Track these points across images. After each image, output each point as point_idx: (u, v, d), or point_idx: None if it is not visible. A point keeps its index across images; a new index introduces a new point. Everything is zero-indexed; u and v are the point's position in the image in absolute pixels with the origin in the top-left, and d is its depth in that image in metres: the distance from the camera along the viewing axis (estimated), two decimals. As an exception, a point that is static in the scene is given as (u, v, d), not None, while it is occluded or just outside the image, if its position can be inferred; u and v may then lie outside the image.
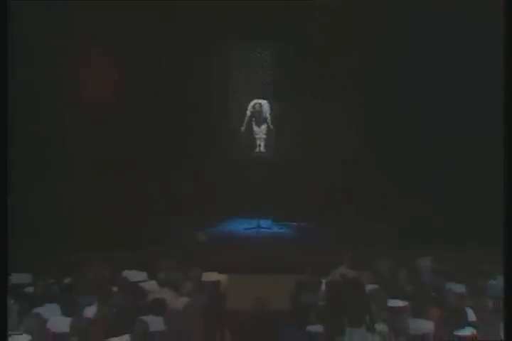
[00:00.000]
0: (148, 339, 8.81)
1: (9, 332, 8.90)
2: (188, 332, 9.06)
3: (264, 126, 16.35)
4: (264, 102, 16.31)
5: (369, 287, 10.38)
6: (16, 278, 11.23)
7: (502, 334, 8.61)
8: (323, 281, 10.95)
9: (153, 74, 15.64)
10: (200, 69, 15.62)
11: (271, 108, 16.27)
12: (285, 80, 15.84)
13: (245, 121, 16.25)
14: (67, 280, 11.03)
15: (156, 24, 15.29)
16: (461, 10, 14.48)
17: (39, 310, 9.66)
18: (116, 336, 8.74)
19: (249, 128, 16.26)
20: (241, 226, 15.59)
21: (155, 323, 9.21)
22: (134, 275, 11.44)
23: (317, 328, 9.54)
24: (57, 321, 9.39)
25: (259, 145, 16.33)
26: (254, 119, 16.30)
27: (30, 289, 10.77)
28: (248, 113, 16.28)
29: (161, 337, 8.90)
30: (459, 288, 10.47)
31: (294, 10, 15.14)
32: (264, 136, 16.32)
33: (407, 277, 10.89)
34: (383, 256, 11.84)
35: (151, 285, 11.00)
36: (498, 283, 10.82)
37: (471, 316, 9.37)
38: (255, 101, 16.34)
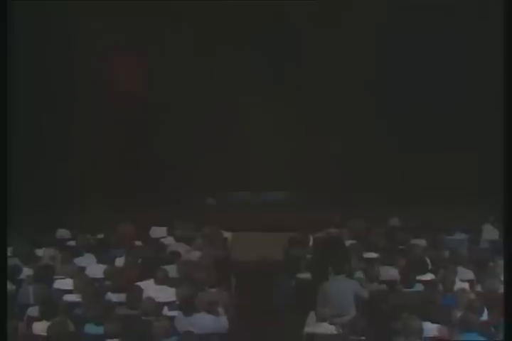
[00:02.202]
0: (167, 284, 8.95)
1: (55, 277, 9.19)
2: (199, 279, 9.06)
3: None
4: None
5: (348, 242, 10.64)
6: (60, 233, 11.46)
7: (456, 279, 8.94)
8: (311, 238, 11.10)
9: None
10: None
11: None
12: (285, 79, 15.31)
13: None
14: (101, 235, 11.18)
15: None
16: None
17: (79, 259, 9.93)
18: (141, 281, 9.00)
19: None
20: (245, 193, 15.61)
21: (172, 272, 9.35)
22: (155, 231, 11.66)
23: (306, 275, 9.82)
24: (94, 268, 9.61)
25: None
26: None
27: (71, 242, 10.98)
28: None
29: (177, 283, 8.94)
30: (421, 242, 10.68)
31: (294, 10, 14.61)
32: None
33: (379, 233, 11.07)
34: (360, 216, 11.98)
35: (169, 241, 11.14)
36: (453, 238, 11.15)
37: (431, 265, 9.63)
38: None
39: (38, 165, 14.47)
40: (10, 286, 8.85)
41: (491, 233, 11.37)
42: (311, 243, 10.95)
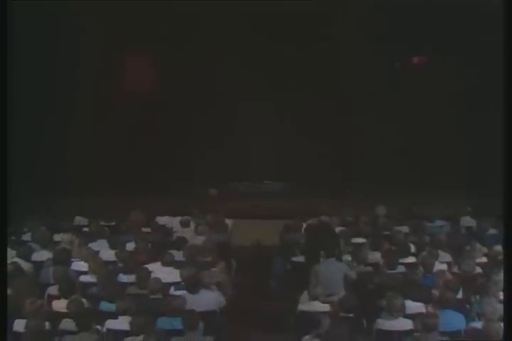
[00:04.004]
0: (174, 267, 8.96)
1: (72, 259, 9.20)
2: (202, 262, 9.11)
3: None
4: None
5: (338, 228, 10.71)
6: (76, 220, 11.58)
7: (435, 261, 9.02)
8: (304, 224, 11.14)
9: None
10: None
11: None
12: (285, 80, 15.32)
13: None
14: (113, 223, 11.27)
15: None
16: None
17: (93, 244, 9.96)
18: (150, 264, 9.06)
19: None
20: (244, 184, 15.65)
21: (178, 255, 9.39)
22: (162, 219, 11.70)
23: (299, 259, 9.85)
24: (107, 252, 9.67)
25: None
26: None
27: (86, 228, 11.07)
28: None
29: (183, 265, 8.91)
30: (404, 229, 10.77)
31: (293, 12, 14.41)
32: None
33: (366, 220, 11.12)
34: (349, 205, 12.11)
35: (176, 227, 11.20)
36: (433, 224, 11.23)
37: (413, 249, 9.75)
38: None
39: (55, 157, 14.55)
40: (31, 268, 8.99)
41: (466, 220, 11.52)
42: (304, 229, 10.97)
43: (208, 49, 14.96)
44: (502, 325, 6.84)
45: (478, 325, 6.95)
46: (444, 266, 8.91)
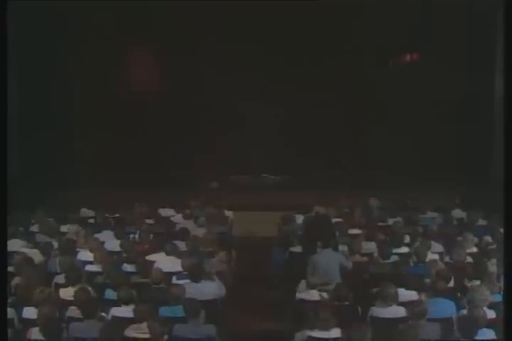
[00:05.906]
0: (176, 256, 8.97)
1: (78, 250, 9.25)
2: (204, 252, 9.15)
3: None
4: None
5: (334, 220, 10.68)
6: (83, 212, 11.59)
7: (427, 251, 9.04)
8: (302, 216, 11.11)
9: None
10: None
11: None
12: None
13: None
14: (118, 214, 11.27)
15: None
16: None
17: (98, 235, 9.97)
18: (153, 253, 9.11)
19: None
20: (244, 177, 15.66)
21: (180, 245, 9.37)
22: (165, 210, 11.74)
23: (297, 249, 9.83)
24: (112, 242, 9.67)
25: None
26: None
27: (92, 220, 11.10)
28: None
29: (185, 255, 8.95)
30: (397, 220, 10.76)
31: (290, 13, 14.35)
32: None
33: (361, 212, 11.16)
34: (345, 197, 12.11)
35: (178, 219, 11.23)
36: (427, 216, 11.26)
37: (407, 239, 9.76)
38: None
39: (61, 150, 14.57)
40: (39, 258, 9.02)
41: (458, 212, 11.56)
42: (302, 221, 10.94)
43: (209, 48, 14.92)
44: (491, 312, 6.91)
45: (468, 312, 6.96)
46: (436, 256, 8.94)
